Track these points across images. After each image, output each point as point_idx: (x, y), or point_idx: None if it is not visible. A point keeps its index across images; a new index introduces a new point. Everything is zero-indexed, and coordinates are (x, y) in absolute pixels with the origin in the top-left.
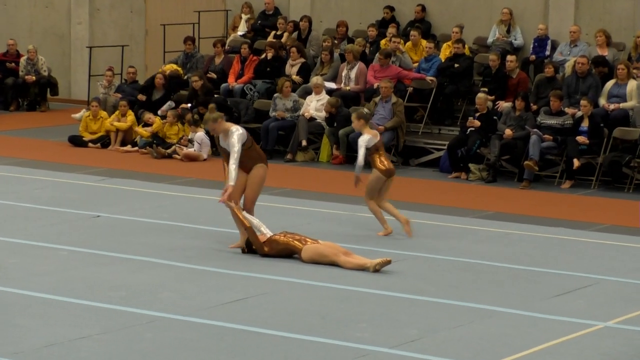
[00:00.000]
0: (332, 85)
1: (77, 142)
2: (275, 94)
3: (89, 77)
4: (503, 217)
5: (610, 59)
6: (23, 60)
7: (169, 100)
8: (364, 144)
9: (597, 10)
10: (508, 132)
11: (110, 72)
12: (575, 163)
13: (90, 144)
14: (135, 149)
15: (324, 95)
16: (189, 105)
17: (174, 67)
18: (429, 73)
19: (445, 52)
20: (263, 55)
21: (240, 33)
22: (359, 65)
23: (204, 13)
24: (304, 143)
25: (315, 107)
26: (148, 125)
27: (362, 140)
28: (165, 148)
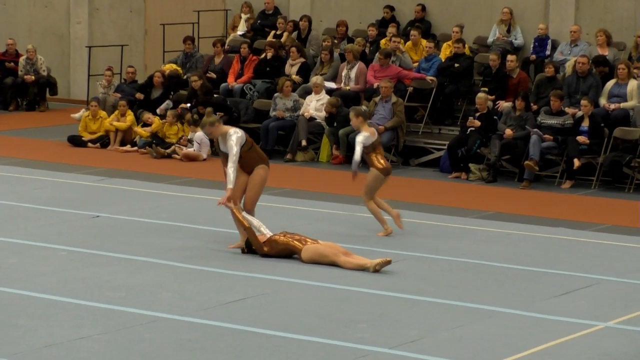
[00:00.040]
0: (332, 85)
1: (76, 142)
2: (276, 94)
3: (88, 76)
4: (503, 217)
5: (611, 59)
6: (22, 60)
7: (168, 99)
8: (362, 142)
9: (597, 10)
10: (508, 132)
11: (110, 71)
12: (576, 163)
13: (90, 144)
14: (135, 149)
15: (324, 95)
16: (189, 105)
17: (174, 66)
18: (429, 73)
19: (446, 51)
20: (263, 55)
21: (240, 33)
22: (359, 65)
23: (204, 13)
24: (304, 143)
25: (315, 107)
26: (147, 125)
27: (359, 138)
28: (165, 148)
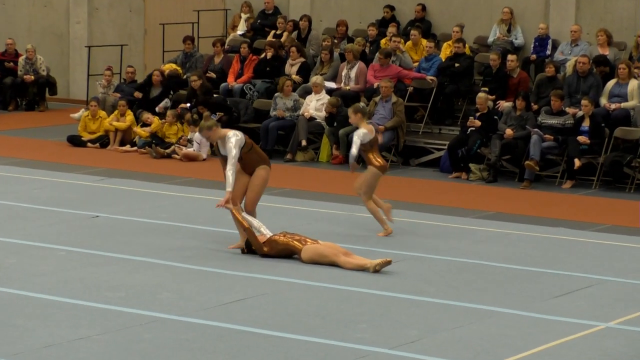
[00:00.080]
0: (332, 85)
1: (75, 142)
2: (276, 94)
3: (88, 76)
4: (503, 217)
5: (612, 59)
6: (22, 60)
7: (167, 98)
8: (359, 138)
9: (598, 10)
10: (509, 131)
11: (109, 71)
12: (576, 163)
13: (89, 144)
14: (134, 149)
15: (324, 95)
16: (188, 105)
17: (173, 66)
18: (429, 73)
19: (446, 51)
20: (263, 55)
21: (240, 32)
22: (359, 65)
23: (204, 12)
24: (304, 143)
25: (315, 106)
26: (146, 125)
27: (357, 134)
28: (165, 148)
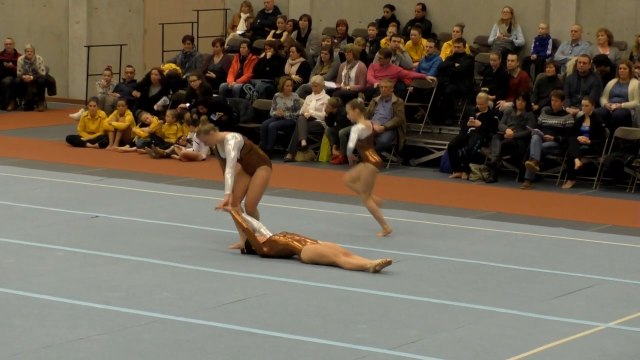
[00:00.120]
0: (332, 85)
1: (75, 141)
2: (277, 93)
3: (87, 76)
4: (504, 217)
5: (612, 58)
6: (21, 60)
7: (165, 96)
8: (357, 134)
9: (598, 10)
10: (509, 131)
11: (109, 71)
12: (577, 163)
13: (88, 144)
14: (134, 149)
15: (324, 95)
16: (188, 105)
17: (173, 66)
18: (430, 72)
19: (446, 51)
20: (262, 55)
21: (240, 32)
22: (359, 65)
23: (203, 12)
24: (304, 143)
25: (315, 106)
26: (145, 125)
27: (355, 128)
28: (164, 148)
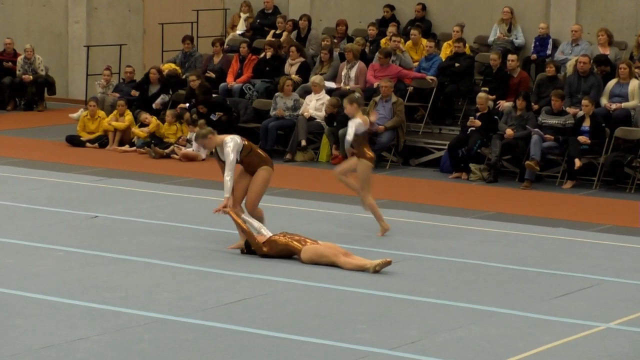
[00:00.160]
0: (331, 85)
1: (74, 142)
2: (277, 93)
3: (87, 76)
4: (504, 217)
5: (612, 58)
6: (20, 60)
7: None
8: (354, 128)
9: (598, 9)
10: (509, 131)
11: (108, 71)
12: (577, 163)
13: (88, 144)
14: (133, 149)
15: (324, 95)
16: (187, 105)
17: (173, 66)
18: (430, 72)
19: (446, 51)
20: (262, 55)
21: (239, 32)
22: (359, 65)
23: (203, 12)
24: (304, 143)
25: (315, 106)
26: (144, 126)
27: (352, 123)
28: (164, 148)
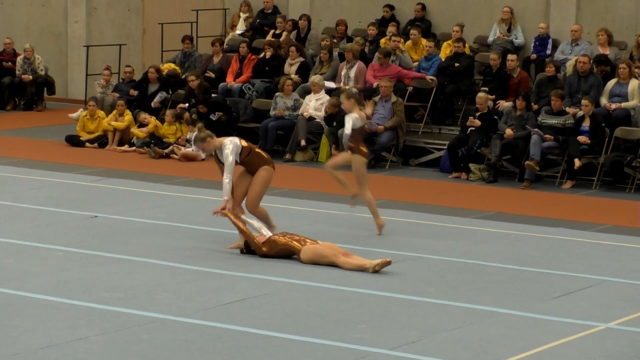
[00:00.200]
0: (331, 85)
1: (74, 141)
2: (277, 93)
3: (86, 76)
4: (504, 217)
5: (612, 58)
6: (20, 60)
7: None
8: (351, 122)
9: (598, 9)
10: (509, 131)
11: (108, 71)
12: (577, 163)
13: (88, 144)
14: (133, 149)
15: (323, 95)
16: (187, 105)
17: (172, 66)
18: (429, 72)
19: (446, 51)
20: (262, 54)
21: (239, 32)
22: (359, 65)
23: (202, 12)
24: (303, 143)
25: (314, 106)
26: (143, 126)
27: (349, 117)
28: (163, 148)
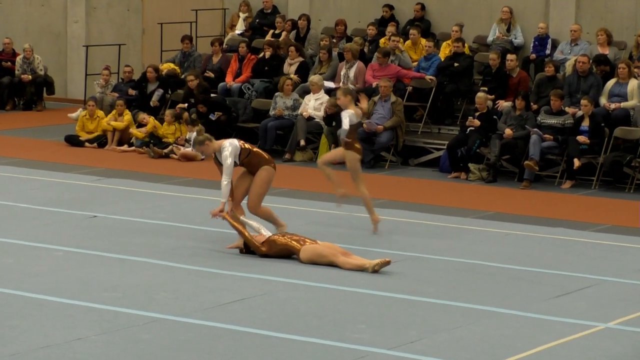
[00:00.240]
0: (330, 85)
1: (73, 141)
2: (277, 93)
3: (86, 76)
4: (503, 217)
5: (612, 58)
6: (19, 59)
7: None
8: (348, 118)
9: (598, 9)
10: (508, 131)
11: (107, 71)
12: (576, 163)
13: (87, 144)
14: (132, 149)
15: (323, 95)
16: (186, 105)
17: (172, 66)
18: (429, 72)
19: (445, 51)
20: (261, 54)
21: (238, 32)
22: (358, 64)
23: (202, 12)
24: (302, 143)
25: (314, 106)
26: (142, 126)
27: (346, 114)
28: (162, 148)
